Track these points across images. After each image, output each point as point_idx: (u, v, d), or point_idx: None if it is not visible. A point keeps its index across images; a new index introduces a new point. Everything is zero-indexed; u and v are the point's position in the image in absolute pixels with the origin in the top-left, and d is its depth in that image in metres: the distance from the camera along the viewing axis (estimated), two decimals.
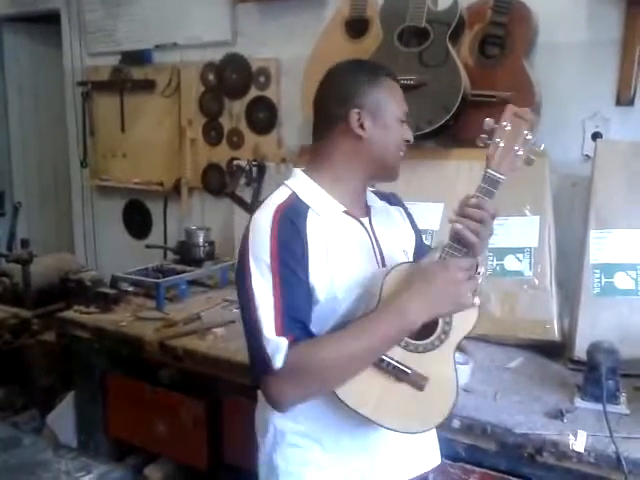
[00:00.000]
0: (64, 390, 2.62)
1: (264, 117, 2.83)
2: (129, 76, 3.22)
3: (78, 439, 2.47)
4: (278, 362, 1.10)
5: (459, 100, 2.09)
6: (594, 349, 1.57)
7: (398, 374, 1.16)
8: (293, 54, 2.67)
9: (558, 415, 1.52)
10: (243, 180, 2.77)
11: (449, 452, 1.58)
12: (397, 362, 1.16)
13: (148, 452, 2.33)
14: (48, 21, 3.66)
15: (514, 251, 1.99)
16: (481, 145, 1.18)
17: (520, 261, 1.97)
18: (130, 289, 2.56)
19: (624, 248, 1.80)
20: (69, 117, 3.56)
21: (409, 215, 1.48)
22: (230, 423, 2.03)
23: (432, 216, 2.17)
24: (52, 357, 2.74)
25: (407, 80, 2.15)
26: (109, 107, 3.32)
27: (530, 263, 1.95)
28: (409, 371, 1.16)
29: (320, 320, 1.19)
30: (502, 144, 1.15)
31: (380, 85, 1.27)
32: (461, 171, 2.20)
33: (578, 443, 1.40)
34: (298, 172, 1.31)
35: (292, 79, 2.66)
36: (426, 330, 1.16)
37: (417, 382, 1.16)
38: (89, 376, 2.37)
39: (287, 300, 1.14)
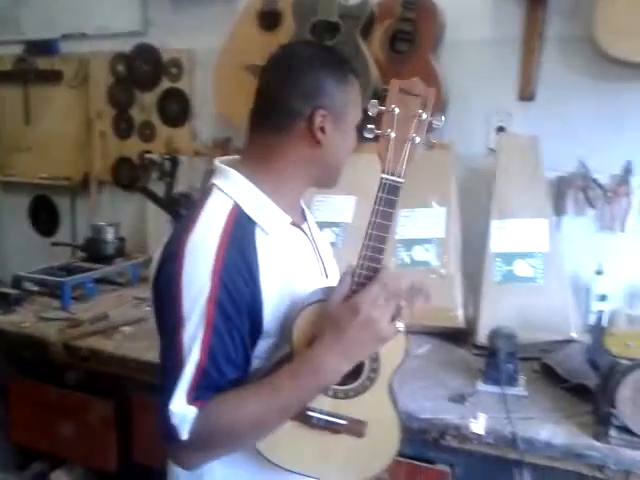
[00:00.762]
0: None
1: (177, 109, 2.77)
2: (34, 66, 3.07)
3: None
4: (184, 434, 0.98)
5: (369, 95, 2.11)
6: (494, 335, 1.62)
7: (333, 427, 1.05)
8: (206, 45, 2.63)
9: (461, 399, 1.56)
10: (155, 174, 2.71)
11: None
12: (328, 415, 1.04)
13: (55, 457, 2.24)
14: None
15: (422, 242, 2.03)
16: (370, 138, 1.02)
17: (428, 251, 2.01)
18: (35, 289, 2.45)
19: (523, 237, 1.87)
20: None
21: None
22: (139, 422, 1.97)
23: (344, 209, 2.18)
24: None
25: None
26: (12, 99, 3.15)
27: (437, 253, 2.00)
28: (344, 422, 1.05)
29: (271, 351, 1.08)
30: (393, 134, 0.98)
31: (348, 85, 1.10)
32: (373, 164, 2.19)
33: (478, 425, 1.45)
34: (233, 173, 1.09)
35: (205, 71, 2.61)
36: (353, 371, 1.03)
37: (355, 429, 1.05)
38: None
39: (213, 360, 0.98)
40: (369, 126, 1.01)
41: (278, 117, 1.08)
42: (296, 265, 1.09)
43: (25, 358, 2.14)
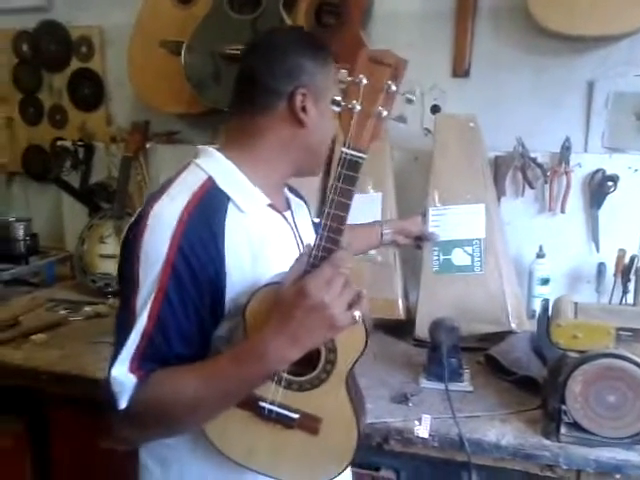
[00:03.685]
0: None
1: (89, 92, 2.54)
2: None
3: None
4: (122, 402, 0.94)
5: None
6: (435, 327, 1.53)
7: (285, 421, 0.98)
8: (118, 21, 2.41)
9: (403, 399, 1.46)
10: (69, 163, 2.50)
11: None
12: (280, 407, 0.98)
13: None
14: None
15: None
16: (337, 110, 0.93)
17: None
18: None
19: (461, 224, 1.78)
20: None
21: (307, 205, 1.30)
22: (59, 440, 1.80)
23: None
24: None
25: (240, 50, 2.00)
26: None
27: None
28: (296, 415, 0.98)
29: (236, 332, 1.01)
30: (358, 107, 0.89)
31: (328, 67, 1.08)
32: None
33: (422, 429, 1.35)
34: (213, 152, 1.07)
35: (118, 49, 2.40)
36: (311, 362, 0.97)
37: (309, 426, 0.98)
38: None
39: (161, 326, 0.94)
40: (336, 98, 0.92)
41: (260, 98, 1.07)
42: (269, 248, 1.04)
43: None
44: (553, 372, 1.31)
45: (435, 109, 2.12)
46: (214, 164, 1.05)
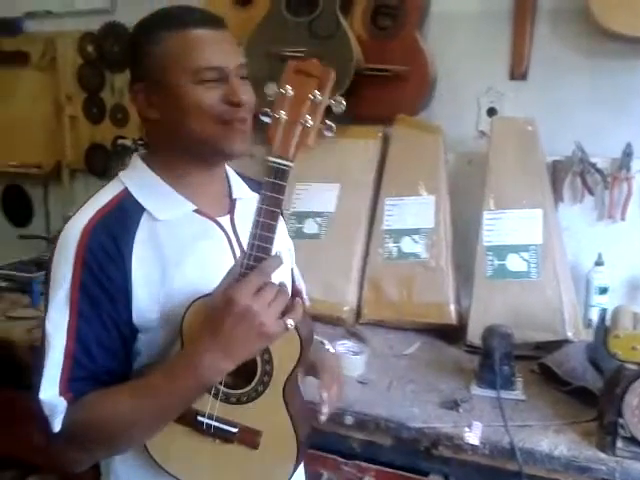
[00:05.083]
0: None
1: None
2: None
3: None
4: (56, 426, 0.91)
5: (351, 74, 1.98)
6: (488, 334, 1.52)
7: (224, 435, 0.96)
8: None
9: (453, 405, 1.45)
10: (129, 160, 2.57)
11: (342, 449, 1.50)
12: (218, 421, 0.95)
13: (28, 464, 2.13)
14: None
15: (410, 232, 1.91)
16: (265, 121, 0.91)
17: (417, 243, 1.90)
18: (3, 285, 2.33)
19: (517, 229, 1.76)
20: None
21: (284, 218, 1.24)
22: None
23: (328, 197, 2.06)
24: None
25: (296, 52, 2.02)
26: None
27: (426, 245, 1.88)
28: (235, 429, 0.95)
29: (159, 347, 0.98)
30: (285, 117, 0.89)
31: (156, 44, 0.97)
32: (357, 150, 2.10)
33: (472, 435, 1.34)
34: (136, 160, 1.04)
35: None
36: (247, 371, 0.95)
37: (248, 439, 0.96)
38: None
39: (81, 344, 0.92)
40: (265, 109, 0.91)
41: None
42: (190, 257, 0.99)
43: None
44: (610, 384, 1.28)
45: (491, 112, 2.09)
46: (133, 174, 1.03)
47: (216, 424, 0.95)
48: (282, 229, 1.21)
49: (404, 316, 1.87)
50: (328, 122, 0.93)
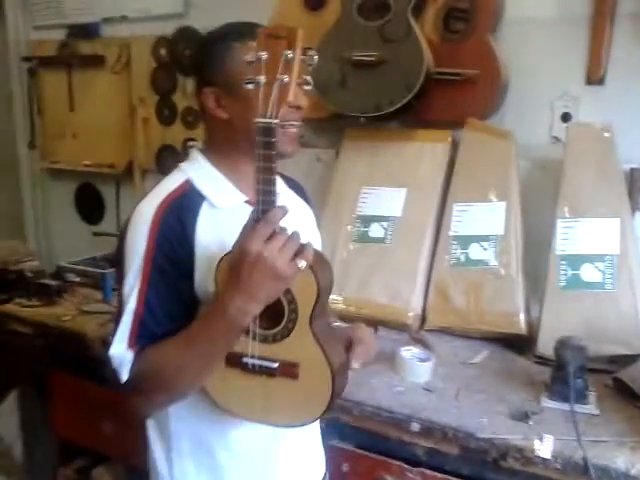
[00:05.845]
0: (11, 386, 2.47)
1: None
2: (76, 51, 3.01)
3: (22, 439, 2.34)
4: (124, 375, 1.08)
5: (422, 78, 1.96)
6: (561, 345, 1.48)
7: (267, 371, 1.09)
8: None
9: (523, 417, 1.43)
10: None
11: (407, 455, 1.49)
12: (260, 359, 1.09)
13: (97, 453, 2.21)
14: None
15: (479, 239, 1.88)
16: (249, 89, 0.97)
17: (485, 250, 1.87)
18: (77, 280, 2.42)
19: (592, 238, 1.71)
20: (15, 95, 3.34)
21: (315, 214, 1.39)
22: None
23: (394, 202, 2.05)
24: None
25: (367, 57, 2.02)
26: (57, 84, 3.11)
27: (495, 252, 1.85)
28: (275, 364, 1.09)
29: None
30: (263, 79, 0.95)
31: (230, 54, 1.11)
32: (425, 154, 2.09)
33: (544, 448, 1.31)
34: (196, 153, 1.19)
35: None
36: (278, 313, 1.08)
37: (289, 371, 1.09)
38: (32, 374, 2.22)
39: (149, 308, 1.08)
40: (245, 78, 0.98)
41: (197, 103, 1.18)
42: None
43: (66, 352, 2.10)
44: None
45: (566, 117, 2.04)
46: (194, 166, 1.17)
47: (258, 362, 1.08)
48: (310, 218, 1.36)
49: (471, 324, 1.84)
50: (305, 77, 0.99)
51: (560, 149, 1.94)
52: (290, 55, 0.95)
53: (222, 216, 1.13)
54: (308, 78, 0.99)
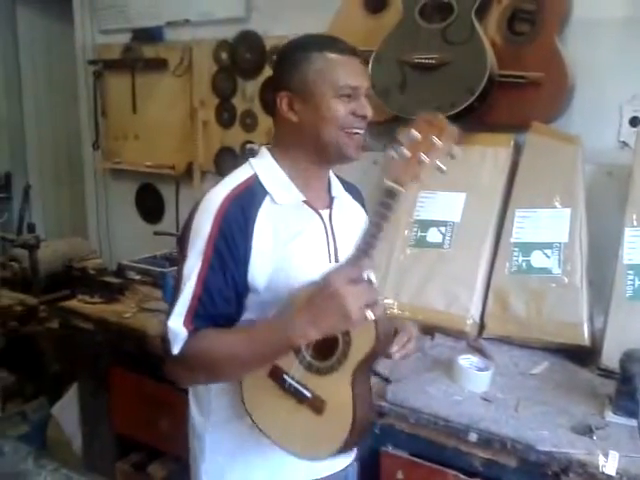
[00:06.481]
0: (73, 379, 2.55)
1: None
2: (140, 55, 3.09)
3: (82, 432, 2.40)
4: (176, 349, 1.14)
5: (485, 81, 1.93)
6: (628, 358, 1.42)
7: (298, 396, 1.16)
8: (310, 31, 2.50)
9: (587, 431, 1.38)
10: None
11: (464, 466, 1.46)
12: (298, 383, 1.16)
13: (153, 449, 2.25)
14: None
15: (542, 246, 1.83)
16: (391, 155, 1.10)
17: (548, 257, 1.81)
18: (137, 278, 2.48)
19: None
20: (81, 97, 3.46)
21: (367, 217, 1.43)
22: None
23: (453, 207, 2.02)
24: (60, 345, 2.68)
25: (428, 59, 2.00)
26: (121, 87, 3.20)
27: (559, 260, 1.79)
28: (309, 394, 1.15)
29: (262, 306, 1.20)
30: (406, 152, 1.07)
31: (308, 63, 1.19)
32: (486, 158, 2.05)
33: (609, 465, 1.27)
34: (264, 151, 1.27)
35: None
36: (330, 350, 1.14)
37: (316, 405, 1.15)
38: (92, 368, 2.29)
39: (207, 291, 1.15)
40: (394, 145, 1.09)
41: (270, 104, 1.25)
42: (295, 239, 1.20)
43: (126, 348, 2.15)
44: None
45: (634, 121, 1.96)
46: (262, 162, 1.25)
47: (296, 385, 1.16)
48: (362, 221, 1.34)
49: (532, 333, 1.79)
50: (440, 164, 1.08)
51: (628, 154, 1.88)
52: (436, 142, 1.06)
53: (281, 212, 1.20)
54: (443, 166, 1.08)
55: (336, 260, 1.26)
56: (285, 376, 1.16)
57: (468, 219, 1.99)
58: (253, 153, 2.63)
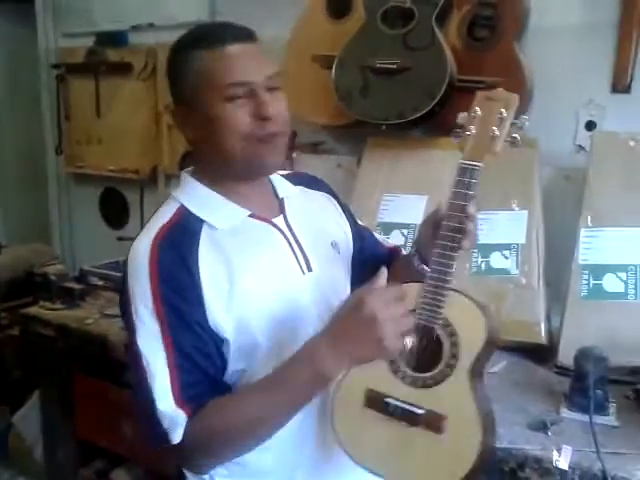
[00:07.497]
0: (34, 386, 2.51)
1: None
2: (104, 58, 3.07)
3: (44, 440, 2.36)
4: (177, 438, 0.94)
5: (445, 86, 1.96)
6: (582, 356, 1.45)
7: (409, 417, 0.98)
8: (273, 36, 2.51)
9: (542, 427, 1.41)
10: None
11: None
12: (404, 403, 0.99)
13: (116, 455, 2.23)
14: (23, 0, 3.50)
15: (500, 248, 1.86)
16: (456, 140, 1.09)
17: (506, 258, 1.85)
18: (99, 283, 2.45)
19: (615, 248, 1.68)
20: (44, 101, 3.42)
21: (336, 198, 1.27)
22: None
23: (415, 210, 2.04)
24: (22, 352, 2.63)
25: (390, 64, 2.03)
26: (84, 91, 3.17)
27: (517, 261, 1.83)
28: (421, 412, 0.98)
29: (243, 355, 1.01)
30: (474, 131, 1.05)
31: (186, 64, 0.99)
32: (447, 161, 2.06)
33: (562, 460, 1.29)
34: (186, 177, 1.08)
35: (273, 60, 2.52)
36: (432, 357, 0.98)
37: (434, 423, 0.97)
38: (54, 375, 2.26)
39: (180, 352, 0.94)
40: (456, 130, 1.09)
41: None
42: (253, 259, 1.03)
43: (88, 354, 2.13)
44: None
45: (590, 125, 2.02)
46: (187, 190, 1.06)
47: (402, 405, 0.99)
48: (327, 206, 1.24)
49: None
50: (514, 135, 1.06)
51: (584, 158, 1.92)
52: (504, 114, 1.04)
53: (226, 238, 1.02)
54: (517, 136, 1.06)
55: (308, 268, 1.09)
56: (387, 399, 1.00)
57: None
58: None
